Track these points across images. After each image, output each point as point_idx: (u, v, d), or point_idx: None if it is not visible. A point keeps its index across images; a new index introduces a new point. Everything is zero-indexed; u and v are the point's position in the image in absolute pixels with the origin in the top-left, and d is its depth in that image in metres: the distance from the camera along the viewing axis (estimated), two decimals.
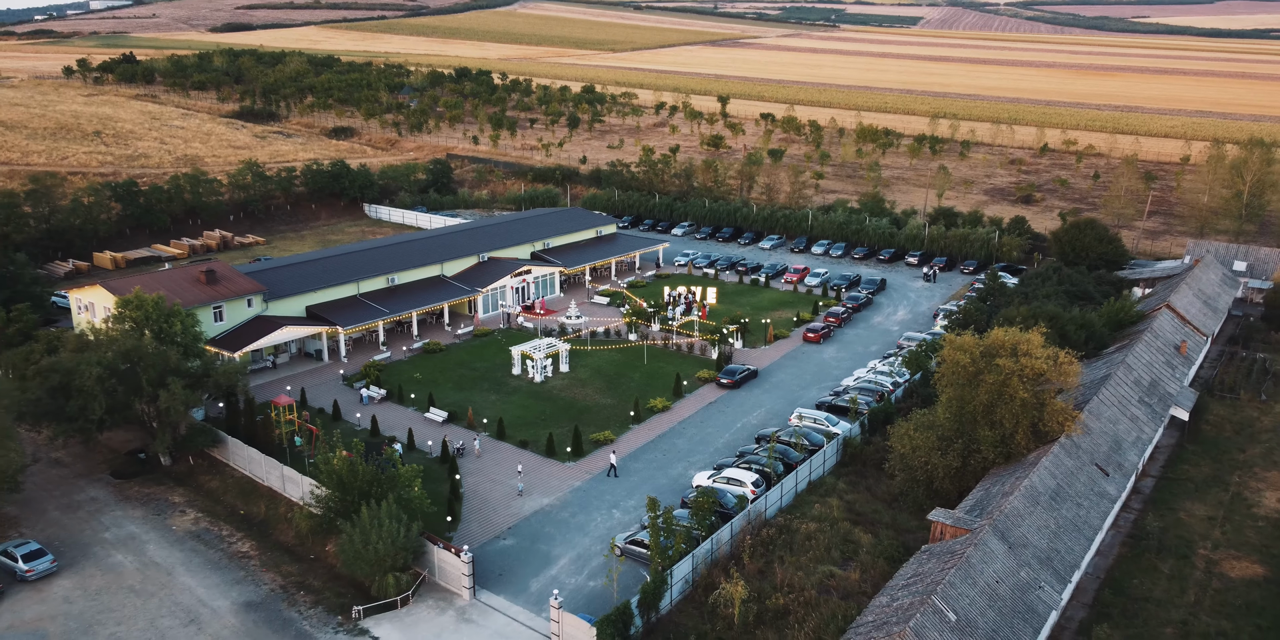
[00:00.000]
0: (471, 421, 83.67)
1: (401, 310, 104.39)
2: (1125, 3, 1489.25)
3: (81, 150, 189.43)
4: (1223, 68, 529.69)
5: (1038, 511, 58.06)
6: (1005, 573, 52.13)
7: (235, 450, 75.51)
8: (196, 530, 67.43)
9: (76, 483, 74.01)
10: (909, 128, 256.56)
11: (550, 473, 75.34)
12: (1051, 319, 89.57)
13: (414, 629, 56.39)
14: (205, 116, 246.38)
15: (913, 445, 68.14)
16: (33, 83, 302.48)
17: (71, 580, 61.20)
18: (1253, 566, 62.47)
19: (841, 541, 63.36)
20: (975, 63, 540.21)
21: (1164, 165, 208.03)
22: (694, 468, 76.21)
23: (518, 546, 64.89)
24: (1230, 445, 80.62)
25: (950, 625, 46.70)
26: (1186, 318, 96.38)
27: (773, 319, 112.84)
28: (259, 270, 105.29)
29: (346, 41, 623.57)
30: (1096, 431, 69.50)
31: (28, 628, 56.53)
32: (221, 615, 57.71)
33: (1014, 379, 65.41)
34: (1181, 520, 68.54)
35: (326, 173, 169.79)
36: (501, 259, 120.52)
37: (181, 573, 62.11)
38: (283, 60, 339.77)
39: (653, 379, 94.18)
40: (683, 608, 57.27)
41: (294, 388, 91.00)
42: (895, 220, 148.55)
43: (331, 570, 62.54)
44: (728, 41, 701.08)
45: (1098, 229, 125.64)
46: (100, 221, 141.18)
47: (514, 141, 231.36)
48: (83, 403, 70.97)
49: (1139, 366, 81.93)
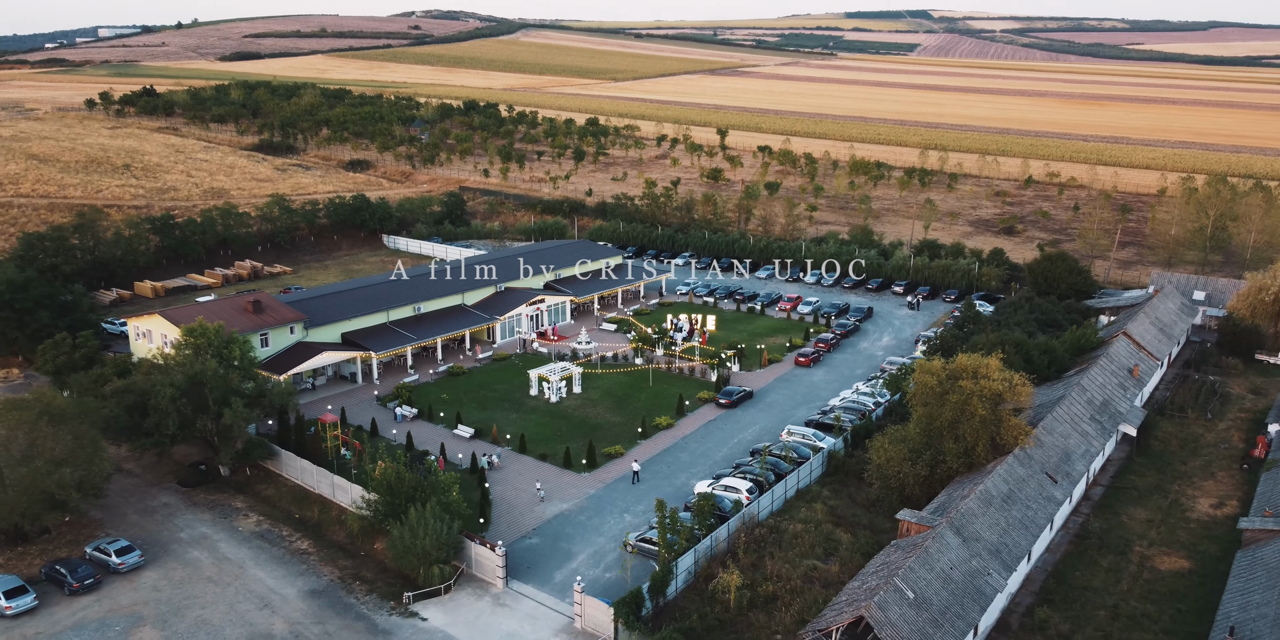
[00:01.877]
0: (496, 437, 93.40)
1: (427, 336, 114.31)
2: (1120, 29, 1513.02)
3: (114, 183, 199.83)
4: (1210, 97, 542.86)
5: (990, 512, 67.74)
6: (959, 561, 61.75)
7: (288, 462, 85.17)
8: (260, 531, 77.05)
9: (149, 490, 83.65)
10: (900, 159, 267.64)
11: (568, 482, 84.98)
12: (1018, 345, 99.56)
13: (456, 612, 65.94)
14: (227, 149, 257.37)
15: (887, 457, 77.96)
16: (57, 115, 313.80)
17: (157, 572, 70.76)
18: (1180, 561, 72.12)
19: (824, 540, 72.93)
20: (969, 92, 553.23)
21: (1142, 197, 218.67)
22: (695, 477, 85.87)
23: (542, 544, 74.51)
24: (1174, 458, 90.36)
25: (909, 601, 56.30)
26: (1141, 344, 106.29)
27: (767, 344, 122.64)
28: (298, 300, 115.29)
29: (354, 70, 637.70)
30: (1049, 445, 79.26)
31: (125, 612, 66.02)
32: (290, 601, 67.26)
33: (974, 399, 75.29)
34: (1123, 522, 78.20)
35: (348, 206, 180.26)
36: (517, 289, 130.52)
37: (251, 566, 71.70)
38: (297, 93, 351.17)
39: (657, 399, 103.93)
40: (686, 594, 66.79)
41: (334, 407, 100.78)
42: (883, 251, 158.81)
43: (381, 564, 72.09)
44: (727, 70, 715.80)
45: (1068, 261, 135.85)
46: (140, 253, 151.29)
47: (522, 174, 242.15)
48: (158, 419, 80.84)
49: (1093, 388, 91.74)
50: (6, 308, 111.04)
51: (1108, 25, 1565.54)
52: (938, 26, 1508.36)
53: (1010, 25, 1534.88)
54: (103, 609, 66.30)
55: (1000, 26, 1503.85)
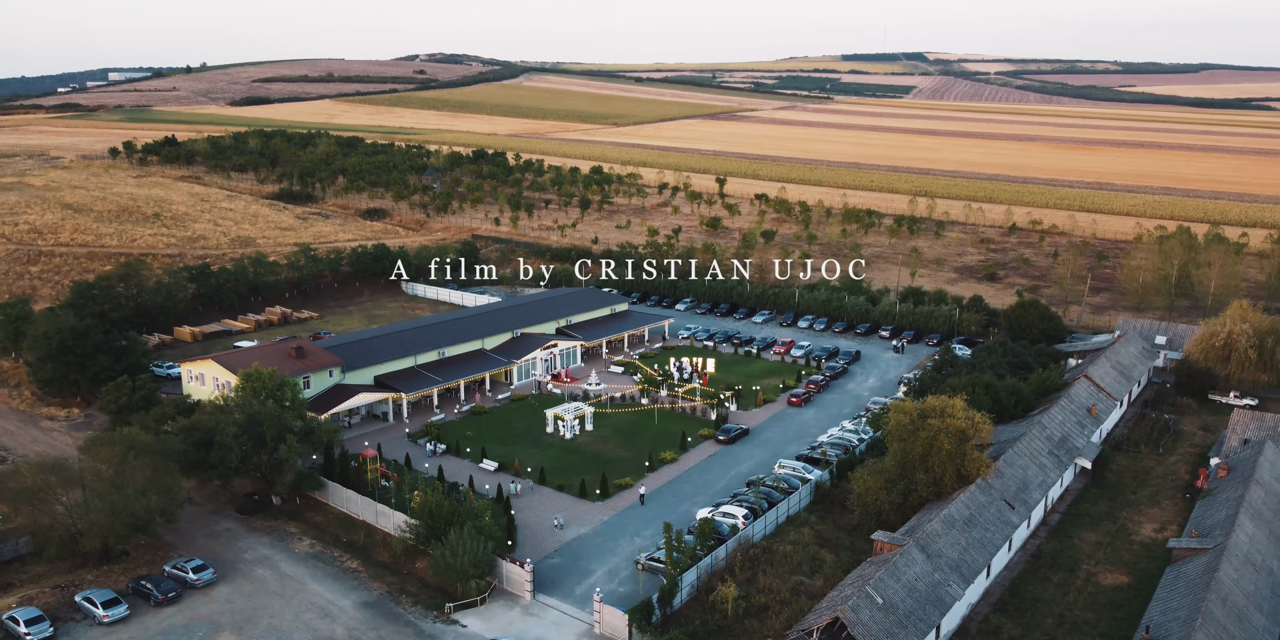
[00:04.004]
0: (518, 470, 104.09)
1: (451, 379, 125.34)
2: (1113, 71, 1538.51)
3: (147, 232, 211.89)
4: (1196, 141, 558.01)
5: (953, 533, 78.37)
6: (922, 574, 72.29)
7: (335, 492, 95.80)
8: (313, 552, 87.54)
9: (212, 517, 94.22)
10: (891, 206, 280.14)
11: (584, 510, 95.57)
12: (987, 387, 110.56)
13: (491, 620, 76.36)
14: (249, 198, 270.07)
15: (866, 486, 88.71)
16: (82, 163, 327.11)
17: (228, 587, 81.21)
18: (1121, 577, 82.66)
19: (810, 559, 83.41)
20: (961, 137, 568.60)
21: (1119, 244, 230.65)
22: (697, 505, 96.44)
23: (563, 563, 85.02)
24: (1126, 488, 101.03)
25: (878, 606, 66.82)
26: (1101, 385, 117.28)
27: (763, 386, 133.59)
28: (334, 345, 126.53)
29: (362, 115, 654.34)
30: (1008, 476, 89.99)
31: (205, 620, 76.42)
32: (347, 610, 77.70)
33: (941, 435, 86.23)
34: (1075, 544, 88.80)
35: (370, 254, 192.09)
36: (532, 334, 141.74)
37: (309, 582, 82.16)
38: (312, 142, 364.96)
39: (662, 436, 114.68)
40: (690, 605, 77.23)
41: (370, 443, 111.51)
42: (871, 298, 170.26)
43: (423, 580, 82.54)
44: (725, 114, 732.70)
45: (1040, 308, 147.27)
46: (178, 299, 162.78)
47: (531, 222, 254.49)
48: (222, 454, 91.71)
49: (1052, 425, 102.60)
50: (70, 353, 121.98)
51: (1100, 67, 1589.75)
52: (933, 69, 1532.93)
53: (1004, 67, 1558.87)
54: (185, 617, 76.69)
55: (995, 68, 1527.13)
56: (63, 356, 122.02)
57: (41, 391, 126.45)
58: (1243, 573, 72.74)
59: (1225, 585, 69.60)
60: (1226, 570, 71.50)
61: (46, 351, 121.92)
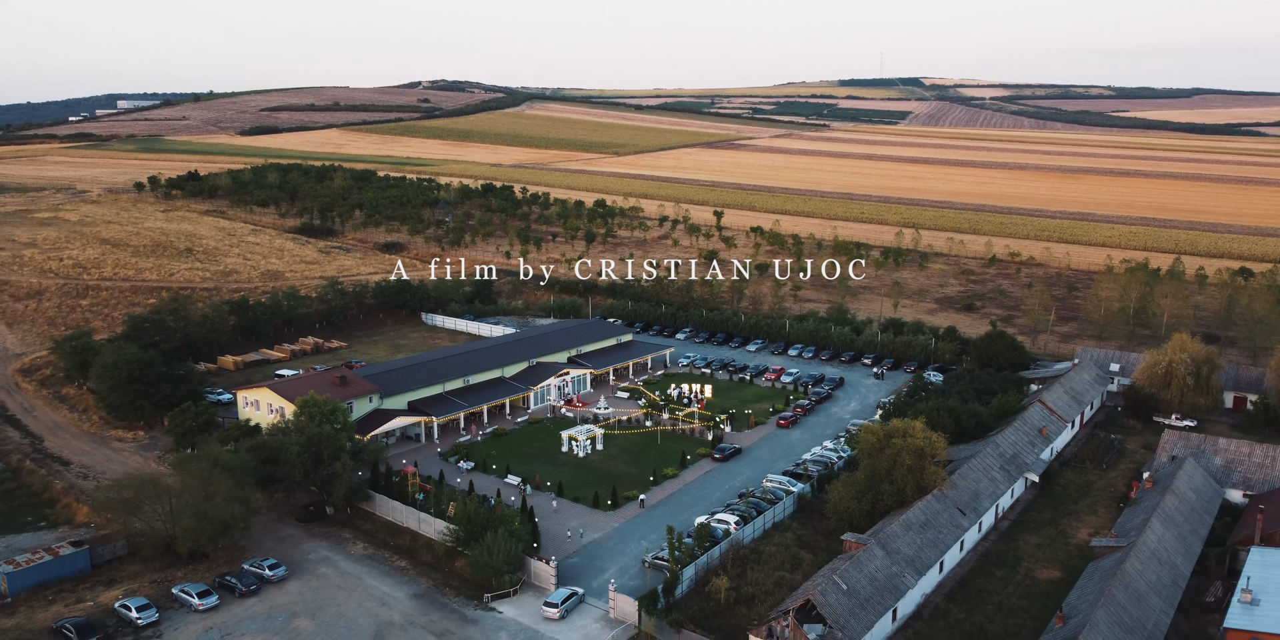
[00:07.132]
0: (538, 484, 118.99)
1: (476, 404, 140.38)
2: (1106, 96, 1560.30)
3: (183, 267, 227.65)
4: (1181, 169, 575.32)
5: (910, 534, 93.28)
6: (882, 567, 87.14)
7: (382, 503, 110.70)
8: (367, 554, 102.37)
9: (275, 525, 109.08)
10: (880, 237, 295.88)
11: (597, 519, 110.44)
12: (951, 411, 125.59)
13: (523, 607, 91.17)
14: (273, 232, 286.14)
15: (840, 497, 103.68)
16: (110, 197, 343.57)
17: (298, 582, 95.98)
18: (1055, 572, 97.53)
19: (792, 558, 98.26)
20: (952, 165, 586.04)
21: (1090, 274, 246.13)
22: (696, 513, 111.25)
23: (581, 562, 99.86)
24: (1069, 499, 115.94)
25: (844, 592, 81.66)
26: (1054, 409, 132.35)
27: (754, 409, 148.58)
28: (372, 373, 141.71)
29: (368, 145, 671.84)
30: (962, 487, 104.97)
31: (283, 608, 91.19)
32: (401, 600, 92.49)
33: (903, 452, 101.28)
34: (1019, 546, 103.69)
35: (392, 287, 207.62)
36: (546, 363, 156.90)
37: (367, 578, 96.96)
38: (328, 175, 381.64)
39: (664, 454, 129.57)
40: (689, 595, 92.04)
41: (407, 461, 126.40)
42: (855, 328, 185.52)
43: (462, 577, 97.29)
44: (723, 142, 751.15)
45: (1006, 338, 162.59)
46: (221, 331, 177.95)
47: (540, 254, 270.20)
48: (287, 470, 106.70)
49: (1005, 444, 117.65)
50: (137, 382, 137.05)
51: (1094, 92, 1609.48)
52: (929, 94, 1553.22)
53: (999, 93, 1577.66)
54: (265, 607, 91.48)
55: (990, 94, 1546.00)
56: (130, 385, 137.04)
57: (109, 416, 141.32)
58: (1148, 565, 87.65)
59: (1130, 575, 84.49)
60: (1133, 563, 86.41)
61: (116, 380, 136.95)
